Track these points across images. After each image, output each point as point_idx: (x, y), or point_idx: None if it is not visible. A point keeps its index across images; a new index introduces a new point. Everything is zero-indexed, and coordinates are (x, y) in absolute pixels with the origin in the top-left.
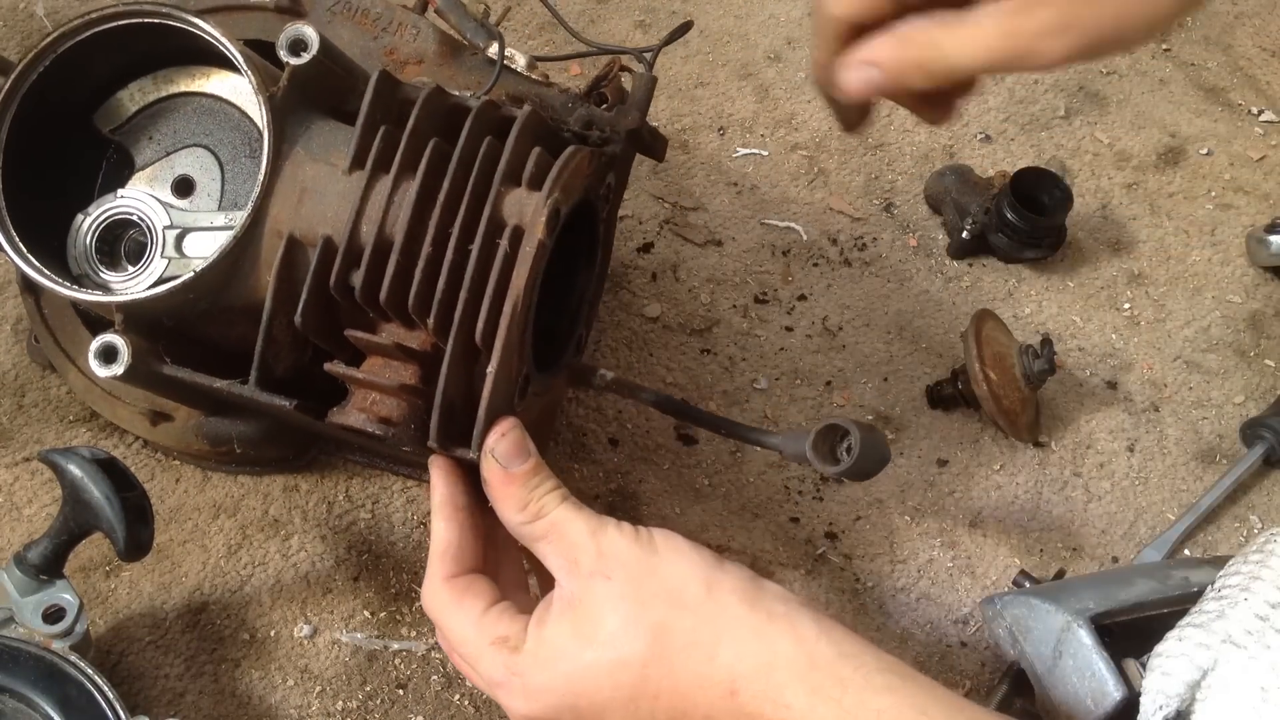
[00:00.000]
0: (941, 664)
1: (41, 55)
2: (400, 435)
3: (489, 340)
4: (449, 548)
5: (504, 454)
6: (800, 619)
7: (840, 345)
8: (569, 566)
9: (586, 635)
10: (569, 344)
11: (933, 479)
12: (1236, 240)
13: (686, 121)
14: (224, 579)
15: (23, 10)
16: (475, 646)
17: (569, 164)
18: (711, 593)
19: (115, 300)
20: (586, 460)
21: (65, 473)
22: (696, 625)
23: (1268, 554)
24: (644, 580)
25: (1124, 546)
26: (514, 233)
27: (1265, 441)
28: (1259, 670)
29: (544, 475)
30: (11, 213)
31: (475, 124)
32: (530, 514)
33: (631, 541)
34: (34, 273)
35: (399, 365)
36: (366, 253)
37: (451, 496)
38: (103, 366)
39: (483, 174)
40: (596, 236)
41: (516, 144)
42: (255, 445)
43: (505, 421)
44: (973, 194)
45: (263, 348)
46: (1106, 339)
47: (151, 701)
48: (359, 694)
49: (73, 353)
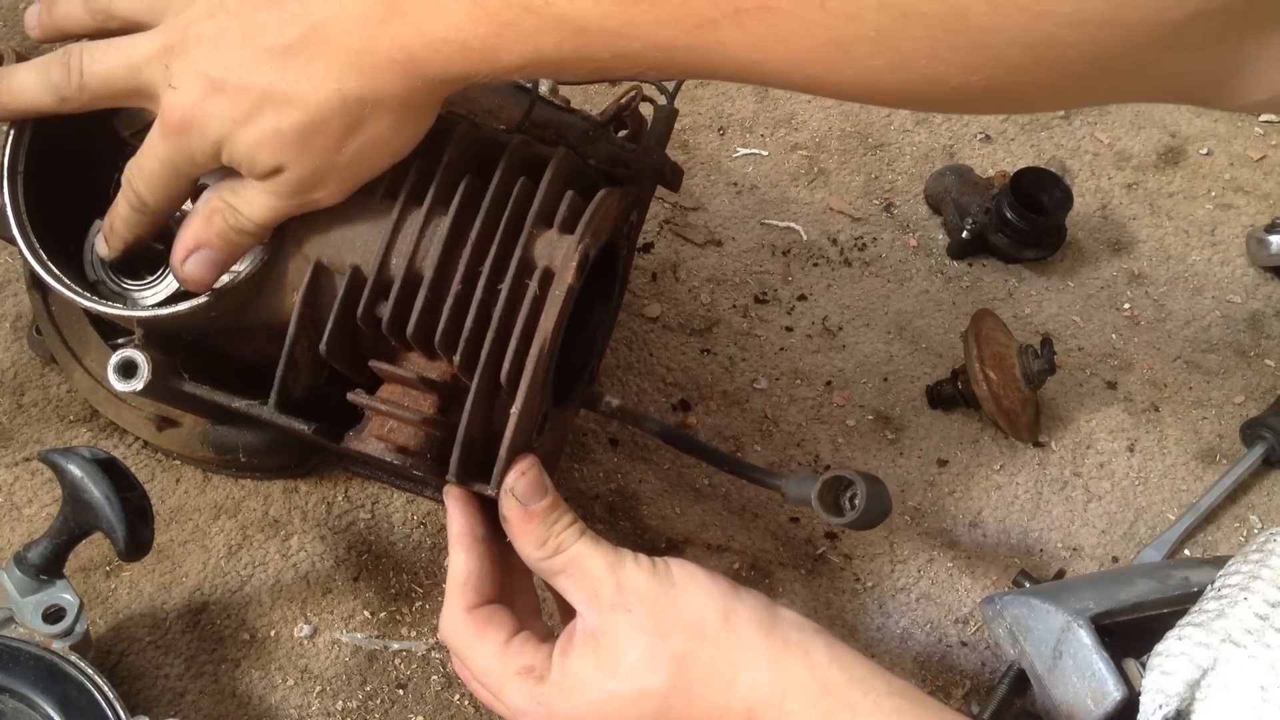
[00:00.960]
0: (941, 664)
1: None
2: (417, 465)
3: (514, 380)
4: (469, 578)
5: (523, 492)
6: (814, 646)
7: (840, 345)
8: (590, 600)
9: (609, 667)
10: (582, 376)
11: (933, 479)
12: (1236, 240)
13: (686, 121)
14: (224, 579)
15: (23, 10)
16: (500, 677)
17: (601, 207)
18: (729, 622)
19: (137, 315)
20: (586, 460)
21: (65, 473)
22: (715, 655)
23: (1267, 553)
24: (664, 612)
25: (1124, 546)
26: (544, 275)
27: (1265, 441)
28: (1259, 669)
29: (562, 511)
30: (30, 216)
31: (509, 164)
32: (550, 550)
33: (650, 575)
34: (53, 280)
35: (418, 395)
36: (396, 285)
37: (471, 528)
38: (122, 381)
39: (515, 214)
40: (616, 273)
41: (550, 187)
42: (260, 454)
43: (524, 459)
44: (973, 194)
45: (284, 371)
46: (1106, 339)
47: (151, 701)
48: (359, 694)
49: (78, 351)
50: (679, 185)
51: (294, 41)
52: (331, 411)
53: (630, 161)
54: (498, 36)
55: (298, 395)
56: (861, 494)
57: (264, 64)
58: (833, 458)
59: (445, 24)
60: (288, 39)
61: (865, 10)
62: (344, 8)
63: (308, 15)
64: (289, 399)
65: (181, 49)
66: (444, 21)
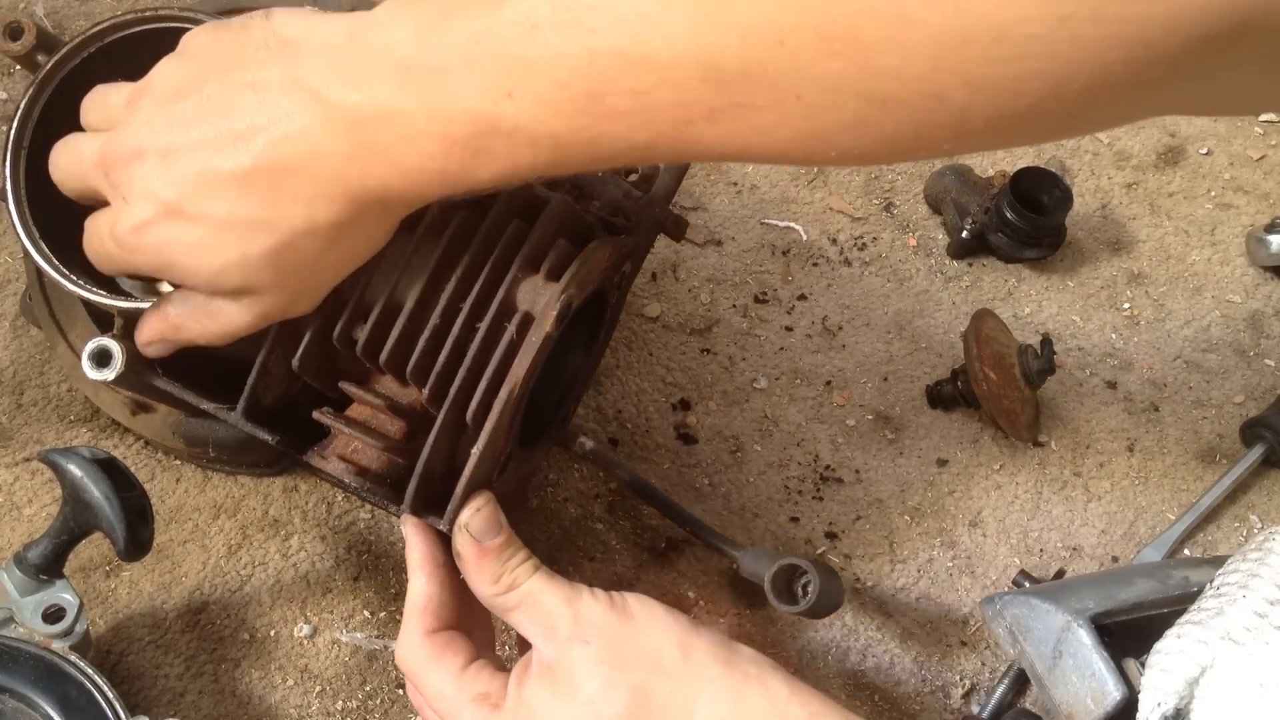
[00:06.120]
0: (941, 664)
1: (88, 42)
2: (376, 490)
3: (480, 420)
4: (430, 602)
5: (478, 528)
6: (773, 680)
7: (840, 345)
8: (546, 633)
9: (566, 696)
10: (555, 418)
11: (933, 479)
12: (1236, 240)
13: None
14: (224, 579)
15: (23, 10)
16: (454, 703)
17: (589, 259)
18: (688, 656)
19: (118, 305)
20: (586, 459)
21: (65, 473)
22: (674, 688)
23: (1266, 551)
24: (622, 645)
25: (1124, 546)
26: (523, 319)
27: (1265, 441)
28: (1258, 667)
29: (516, 547)
30: (31, 195)
31: (504, 205)
32: (504, 585)
33: (607, 608)
34: (43, 261)
35: (387, 419)
36: (375, 310)
37: (432, 554)
38: (95, 369)
39: (503, 256)
40: (601, 321)
41: (541, 232)
42: (230, 451)
43: (480, 496)
44: (972, 194)
45: (255, 379)
46: (1106, 339)
47: (151, 701)
48: (359, 694)
49: (65, 325)
50: (682, 235)
51: (251, 167)
52: (303, 422)
53: (631, 212)
54: (472, 160)
55: (268, 403)
56: (815, 585)
57: (221, 191)
58: (832, 457)
59: (417, 154)
60: (242, 164)
61: (844, 100)
62: (306, 139)
63: (259, 138)
64: (258, 406)
65: (124, 163)
66: (416, 152)
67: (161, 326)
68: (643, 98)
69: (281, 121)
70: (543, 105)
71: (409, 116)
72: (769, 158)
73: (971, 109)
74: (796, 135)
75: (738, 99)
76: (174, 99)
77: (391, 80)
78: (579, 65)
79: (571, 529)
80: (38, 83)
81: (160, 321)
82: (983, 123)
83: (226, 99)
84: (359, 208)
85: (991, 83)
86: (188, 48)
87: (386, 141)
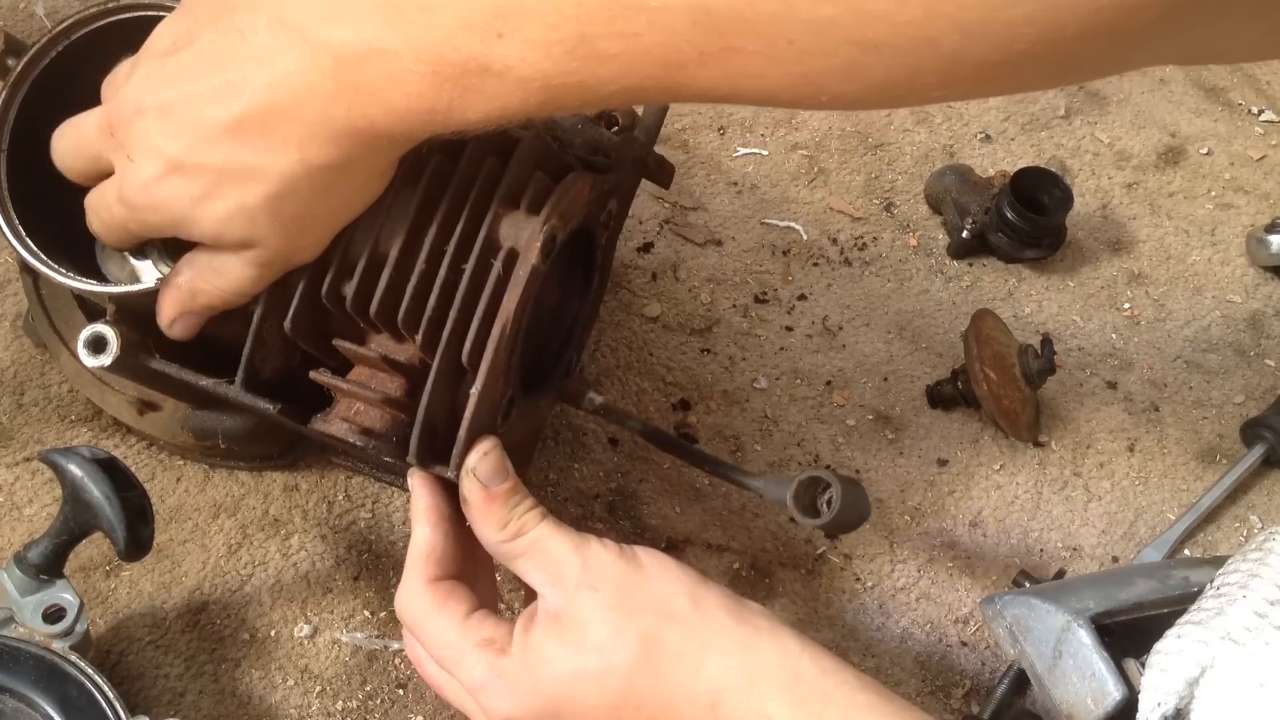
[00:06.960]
0: (941, 664)
1: (55, 41)
2: (381, 447)
3: (475, 361)
4: (433, 551)
5: (485, 473)
6: (784, 634)
7: (840, 345)
8: (553, 580)
9: (574, 642)
10: (558, 367)
11: (933, 479)
12: (1236, 240)
13: (686, 121)
14: (224, 579)
15: (23, 10)
16: (458, 649)
17: (568, 190)
18: (698, 606)
19: (109, 291)
20: (586, 460)
21: (65, 473)
22: (684, 636)
23: (1266, 551)
24: (631, 592)
25: (1124, 546)
26: (508, 255)
27: (1265, 441)
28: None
29: (523, 494)
30: (14, 196)
31: (478, 144)
32: (511, 532)
33: (617, 556)
34: (30, 257)
35: (385, 377)
36: (360, 264)
37: (437, 505)
38: (91, 356)
39: (482, 195)
40: (594, 263)
41: (518, 167)
42: (240, 441)
43: (486, 441)
44: (973, 194)
45: (251, 350)
46: (1106, 339)
47: (151, 701)
48: (359, 694)
49: (66, 335)
50: (669, 182)
51: (242, 114)
52: (305, 396)
53: (610, 150)
54: (461, 99)
55: (267, 376)
56: (837, 495)
57: (216, 140)
58: (833, 458)
59: (405, 93)
60: (234, 111)
61: (836, 45)
62: (292, 80)
63: (248, 84)
64: (257, 378)
65: (126, 121)
66: (403, 91)
67: (177, 296)
68: (633, 40)
69: (269, 64)
70: (532, 47)
71: (395, 54)
72: (759, 100)
73: (963, 55)
74: (787, 80)
75: (728, 43)
76: (170, 53)
77: (377, 16)
78: (568, 8)
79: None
80: (10, 85)
81: (174, 292)
82: (974, 69)
83: (219, 48)
84: (349, 148)
85: (984, 28)
86: (184, 2)
87: (372, 79)
